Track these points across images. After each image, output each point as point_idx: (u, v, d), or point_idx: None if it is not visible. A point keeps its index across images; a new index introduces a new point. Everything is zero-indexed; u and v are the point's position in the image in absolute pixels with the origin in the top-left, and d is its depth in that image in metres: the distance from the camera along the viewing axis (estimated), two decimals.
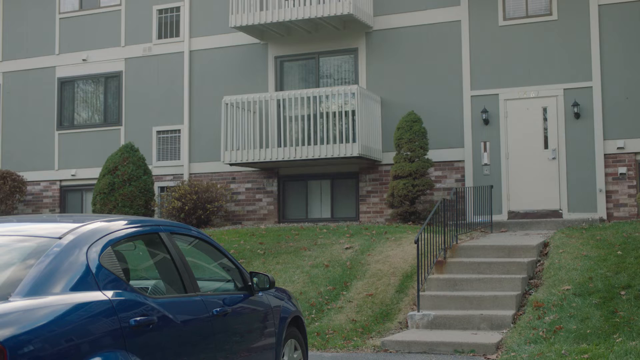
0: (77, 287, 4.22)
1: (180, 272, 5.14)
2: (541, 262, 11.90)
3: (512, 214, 15.82)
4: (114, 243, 4.68)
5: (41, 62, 20.34)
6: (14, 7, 20.82)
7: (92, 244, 4.47)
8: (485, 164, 16.13)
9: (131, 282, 4.86)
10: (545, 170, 15.71)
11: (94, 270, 4.34)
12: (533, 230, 14.62)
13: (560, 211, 15.46)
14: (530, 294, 10.89)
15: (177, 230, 5.51)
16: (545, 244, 12.59)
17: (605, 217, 15.10)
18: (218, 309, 5.36)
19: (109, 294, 4.33)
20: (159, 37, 19.16)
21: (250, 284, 6.08)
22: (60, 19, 20.25)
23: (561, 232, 13.23)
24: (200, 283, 5.56)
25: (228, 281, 6.12)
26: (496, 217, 15.46)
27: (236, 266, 6.08)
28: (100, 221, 4.83)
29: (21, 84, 20.53)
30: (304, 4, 16.69)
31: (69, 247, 4.37)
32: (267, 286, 6.17)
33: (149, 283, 5.20)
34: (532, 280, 11.37)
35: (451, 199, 13.15)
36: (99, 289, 4.32)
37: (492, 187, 15.28)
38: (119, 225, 4.87)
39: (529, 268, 11.58)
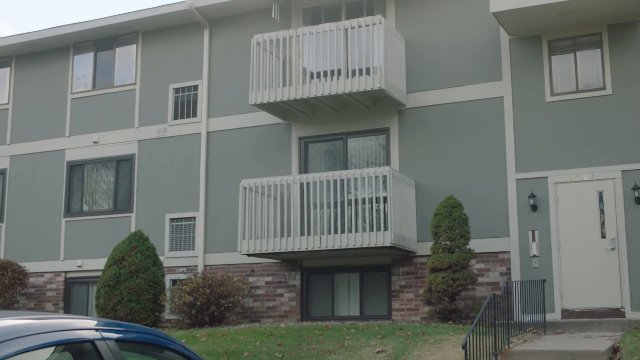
0: None
1: None
2: None
3: (567, 313, 13.86)
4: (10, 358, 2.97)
5: (50, 144, 19.08)
6: (25, 87, 19.76)
7: None
8: (534, 256, 14.29)
9: None
10: (603, 262, 13.82)
11: None
12: (594, 332, 12.64)
13: (623, 309, 13.49)
14: None
15: (131, 337, 3.78)
16: (615, 349, 10.62)
17: None
18: None
19: None
20: (175, 117, 17.83)
21: None
22: (72, 99, 19.08)
23: (631, 335, 11.25)
24: None
25: None
26: (548, 316, 13.50)
27: None
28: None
29: (29, 168, 19.24)
30: (331, 80, 15.26)
31: None
32: None
33: None
34: None
35: (501, 294, 11.29)
36: None
37: (544, 281, 13.38)
38: (25, 329, 3.16)
39: None
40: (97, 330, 3.56)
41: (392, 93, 15.21)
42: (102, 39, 19.04)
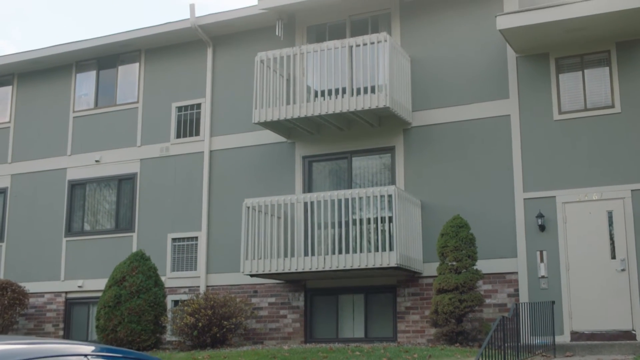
0: None
1: None
2: None
3: (576, 335, 13.57)
4: None
5: (52, 163, 18.91)
6: (26, 106, 19.62)
7: None
8: (542, 277, 14.02)
9: None
10: (613, 283, 13.55)
11: None
12: (605, 355, 12.35)
13: (634, 332, 13.20)
14: None
15: None
16: None
17: None
18: None
19: None
20: (178, 136, 17.66)
21: None
22: (74, 117, 18.92)
23: None
24: None
25: None
26: (557, 339, 13.20)
27: None
28: None
29: (29, 187, 19.06)
30: (336, 98, 15.05)
31: None
32: None
33: None
34: None
35: (510, 316, 11.02)
36: None
37: (553, 302, 13.10)
38: (11, 355, 2.93)
39: None
40: (85, 356, 3.33)
41: (398, 111, 15.01)
42: (104, 57, 18.91)
